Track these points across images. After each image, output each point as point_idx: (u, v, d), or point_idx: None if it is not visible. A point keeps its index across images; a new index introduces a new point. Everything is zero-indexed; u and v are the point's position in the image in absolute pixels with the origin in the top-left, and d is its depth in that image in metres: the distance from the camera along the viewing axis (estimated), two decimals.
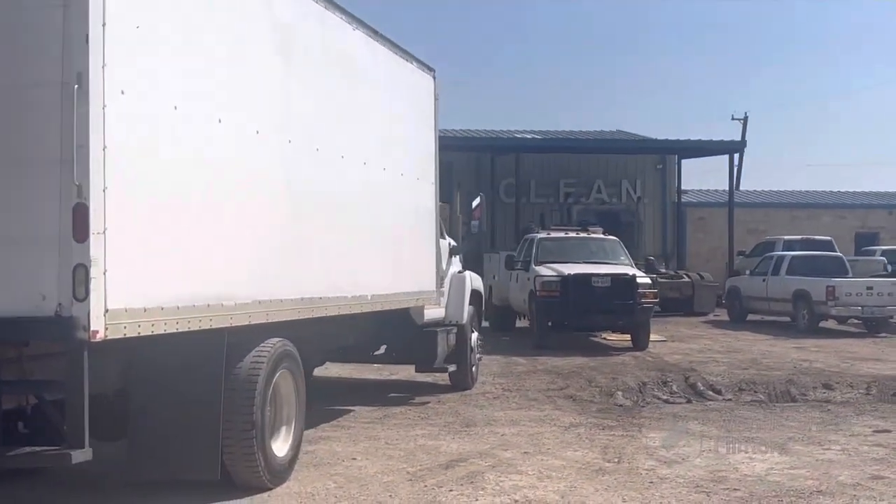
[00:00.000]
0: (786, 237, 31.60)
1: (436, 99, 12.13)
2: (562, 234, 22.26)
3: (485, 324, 24.10)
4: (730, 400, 13.12)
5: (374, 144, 10.13)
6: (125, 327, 6.03)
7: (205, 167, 6.95)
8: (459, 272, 13.75)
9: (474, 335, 13.86)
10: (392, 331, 12.06)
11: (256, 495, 7.63)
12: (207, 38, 7.06)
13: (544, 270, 19.83)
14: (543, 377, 15.23)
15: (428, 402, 12.47)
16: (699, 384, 14.26)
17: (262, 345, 7.78)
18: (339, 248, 9.24)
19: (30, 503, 7.63)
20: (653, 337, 21.40)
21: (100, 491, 7.71)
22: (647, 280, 19.80)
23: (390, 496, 7.71)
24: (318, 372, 14.39)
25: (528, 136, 37.15)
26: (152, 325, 6.29)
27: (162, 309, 6.39)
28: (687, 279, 28.91)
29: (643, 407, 12.48)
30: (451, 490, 7.90)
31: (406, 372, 14.42)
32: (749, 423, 11.16)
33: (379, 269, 10.23)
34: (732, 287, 27.67)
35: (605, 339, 21.44)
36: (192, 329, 6.75)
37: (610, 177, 36.49)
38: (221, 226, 7.16)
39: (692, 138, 35.25)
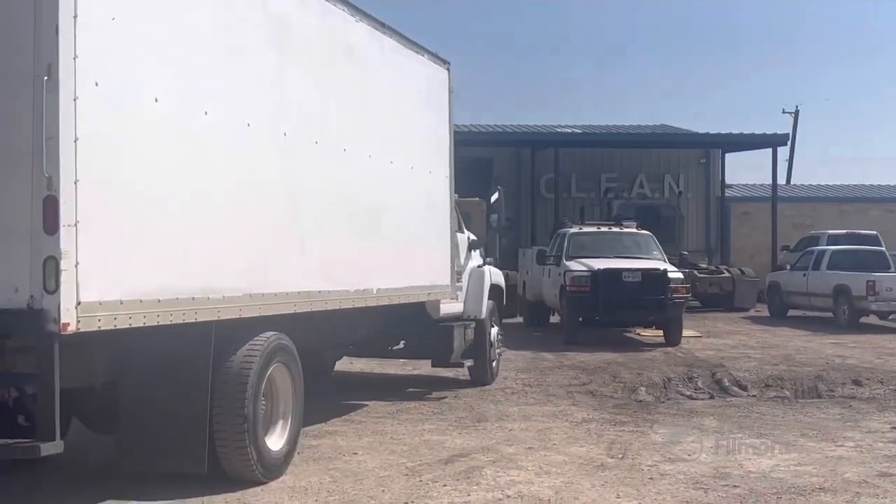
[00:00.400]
0: (830, 231, 31.11)
1: (450, 92, 12.03)
2: (594, 229, 22.09)
3: (518, 319, 24.25)
4: (754, 396, 12.91)
5: (380, 137, 10.06)
6: (100, 320, 6.01)
7: (190, 159, 6.92)
8: (479, 266, 13.66)
9: (494, 330, 13.76)
10: (407, 325, 12.00)
11: (249, 489, 7.60)
12: (194, 31, 7.03)
13: (575, 265, 19.67)
14: (567, 372, 15.10)
15: (444, 398, 12.39)
16: (725, 380, 14.07)
17: (256, 339, 7.75)
18: (341, 241, 9.18)
19: (33, 494, 7.64)
20: (688, 332, 21.21)
21: (98, 484, 7.67)
22: (679, 275, 19.57)
23: (382, 491, 7.64)
24: (341, 366, 14.48)
25: (569, 131, 36.96)
26: (130, 317, 6.27)
27: (141, 302, 6.36)
28: (727, 274, 28.53)
29: (662, 403, 12.30)
30: (444, 485, 7.82)
31: (429, 367, 14.32)
32: (765, 419, 10.97)
33: (386, 262, 10.15)
34: (773, 282, 27.29)
35: (638, 334, 21.22)
36: (174, 322, 6.72)
37: (652, 171, 36.20)
38: (208, 218, 7.12)
39: (734, 132, 34.80)
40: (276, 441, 8.10)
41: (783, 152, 39.11)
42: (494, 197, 13.70)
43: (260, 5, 7.88)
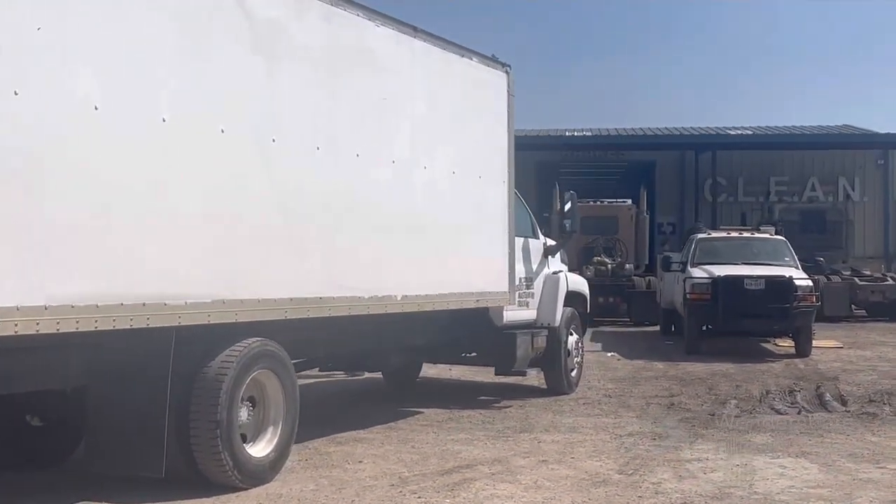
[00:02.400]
0: None
1: (510, 96, 11.77)
2: (723, 234, 21.31)
3: (655, 328, 23.66)
4: (847, 412, 12.12)
5: (408, 143, 9.92)
6: (16, 325, 6.10)
7: (141, 166, 6.94)
8: (555, 273, 13.32)
9: (572, 338, 13.40)
10: (468, 332, 11.84)
11: (224, 495, 7.62)
12: (150, 39, 7.01)
13: (697, 272, 19.03)
14: (662, 383, 14.61)
15: (508, 407, 12.16)
16: (827, 394, 13.36)
17: (236, 345, 7.78)
18: (351, 248, 9.08)
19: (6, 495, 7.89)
20: (829, 343, 20.33)
21: (71, 487, 7.83)
22: (807, 282, 18.61)
23: (352, 501, 7.52)
24: (438, 373, 14.49)
25: (737, 133, 35.81)
26: (58, 323, 6.33)
27: (73, 307, 6.43)
28: (891, 282, 26.99)
29: (739, 417, 11.67)
30: (419, 497, 7.64)
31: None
32: (827, 437, 10.26)
33: (416, 269, 9.99)
34: None
35: (776, 344, 20.33)
36: (119, 328, 6.76)
37: (826, 174, 34.77)
38: (164, 225, 7.12)
39: None
40: (262, 447, 8.11)
41: None
42: (567, 206, 13.33)
43: (239, 11, 7.84)
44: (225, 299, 7.66)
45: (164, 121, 7.13)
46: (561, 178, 31.88)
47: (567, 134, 36.50)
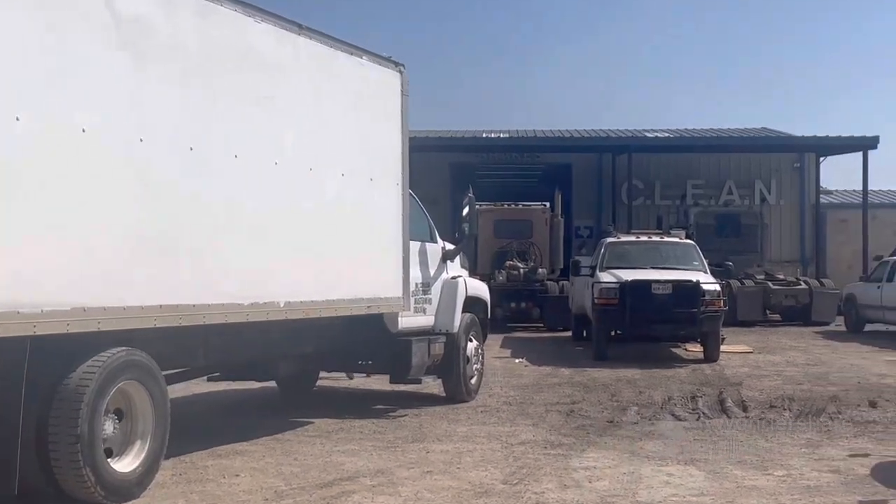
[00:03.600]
0: None
1: (404, 95, 11.51)
2: (632, 239, 21.27)
3: (568, 333, 23.54)
4: (746, 418, 12.03)
5: (292, 144, 9.61)
6: None
7: None
8: (453, 278, 13.07)
9: (471, 345, 13.16)
10: (360, 339, 11.52)
11: None
12: (2, 32, 6.69)
13: (605, 277, 18.92)
14: (565, 390, 14.44)
15: (404, 416, 11.88)
16: (729, 400, 13.24)
17: (100, 355, 7.42)
18: (229, 252, 8.75)
19: None
20: (738, 348, 20.43)
21: None
22: (715, 287, 18.59)
23: None
24: (337, 382, 14.15)
25: (654, 135, 35.92)
26: None
27: None
28: (804, 286, 27.17)
29: (636, 424, 11.53)
30: None
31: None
32: (720, 444, 10.13)
33: (300, 275, 9.69)
34: (849, 294, 25.83)
35: (686, 349, 20.30)
36: None
37: (743, 177, 35.00)
38: (19, 229, 6.71)
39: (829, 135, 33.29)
40: (129, 462, 7.76)
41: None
42: (465, 210, 13.10)
43: (103, 7, 7.47)
44: (86, 307, 7.30)
45: (17, 119, 6.76)
46: (477, 180, 31.74)
47: (483, 135, 36.18)
